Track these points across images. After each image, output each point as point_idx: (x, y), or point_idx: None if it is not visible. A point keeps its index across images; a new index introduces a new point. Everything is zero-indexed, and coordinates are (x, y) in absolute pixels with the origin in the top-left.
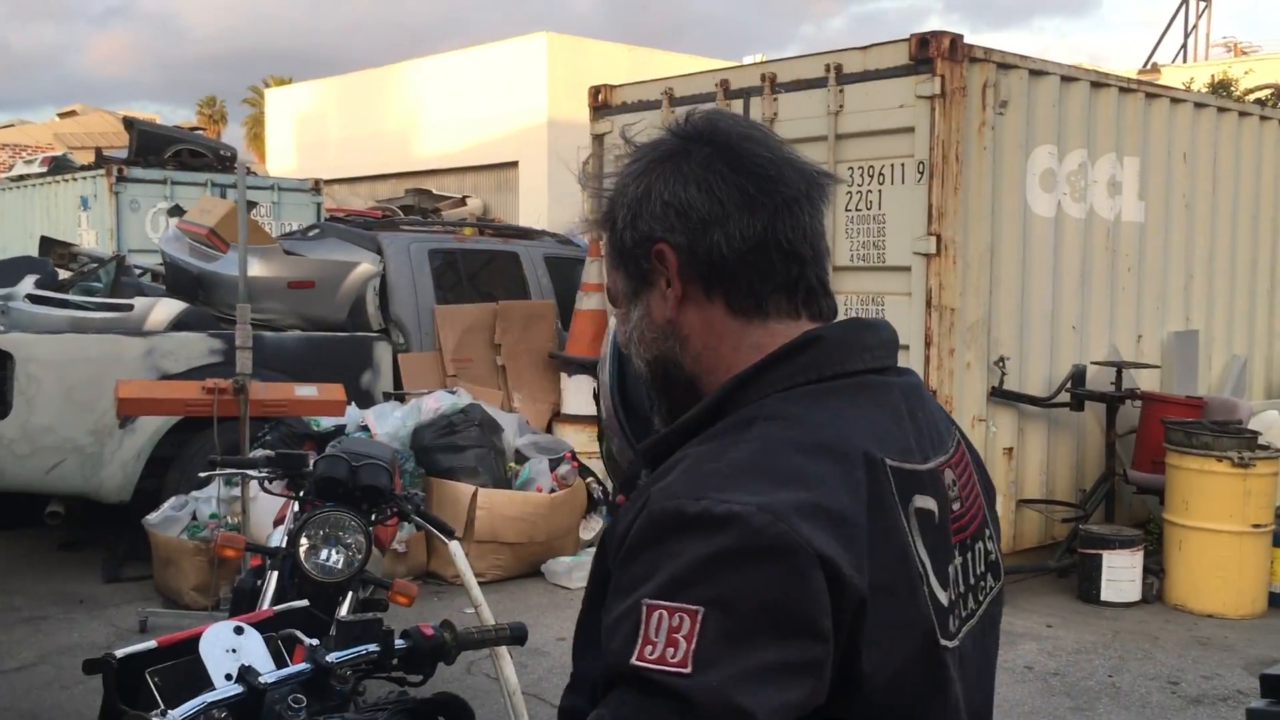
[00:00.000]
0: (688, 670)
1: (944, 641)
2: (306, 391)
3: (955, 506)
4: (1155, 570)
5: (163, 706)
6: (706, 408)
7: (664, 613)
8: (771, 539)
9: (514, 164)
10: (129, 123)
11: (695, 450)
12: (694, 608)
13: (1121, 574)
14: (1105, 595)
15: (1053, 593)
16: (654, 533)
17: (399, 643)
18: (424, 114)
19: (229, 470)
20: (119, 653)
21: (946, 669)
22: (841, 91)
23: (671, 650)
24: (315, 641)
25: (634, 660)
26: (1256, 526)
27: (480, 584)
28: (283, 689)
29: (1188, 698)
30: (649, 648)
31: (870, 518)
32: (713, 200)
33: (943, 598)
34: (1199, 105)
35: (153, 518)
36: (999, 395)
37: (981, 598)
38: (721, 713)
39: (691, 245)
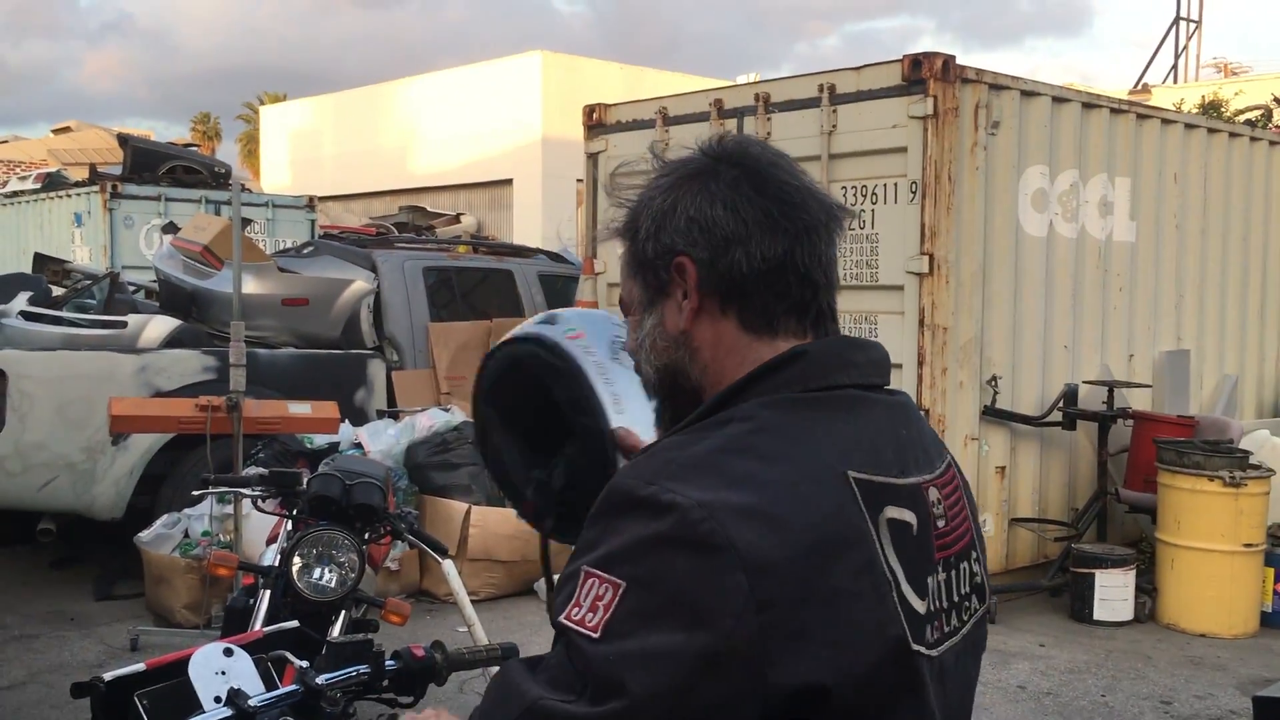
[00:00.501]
0: (596, 635)
1: (917, 647)
2: (300, 409)
3: (940, 524)
4: (1148, 589)
5: None
6: (701, 414)
7: (595, 580)
8: (701, 534)
9: (508, 181)
10: (123, 139)
11: (670, 438)
12: (619, 581)
13: (1114, 593)
14: (1098, 614)
15: (1045, 612)
16: (607, 506)
17: (389, 664)
18: (418, 131)
19: (222, 488)
20: (107, 675)
21: (920, 674)
22: (835, 111)
23: (591, 615)
24: (305, 663)
25: (561, 618)
26: (1248, 546)
27: (473, 602)
28: (272, 711)
29: (1180, 717)
30: (576, 609)
31: (824, 526)
32: (737, 220)
33: (918, 605)
34: (1190, 126)
35: (145, 535)
36: (991, 414)
37: (965, 617)
38: (606, 683)
39: (713, 260)
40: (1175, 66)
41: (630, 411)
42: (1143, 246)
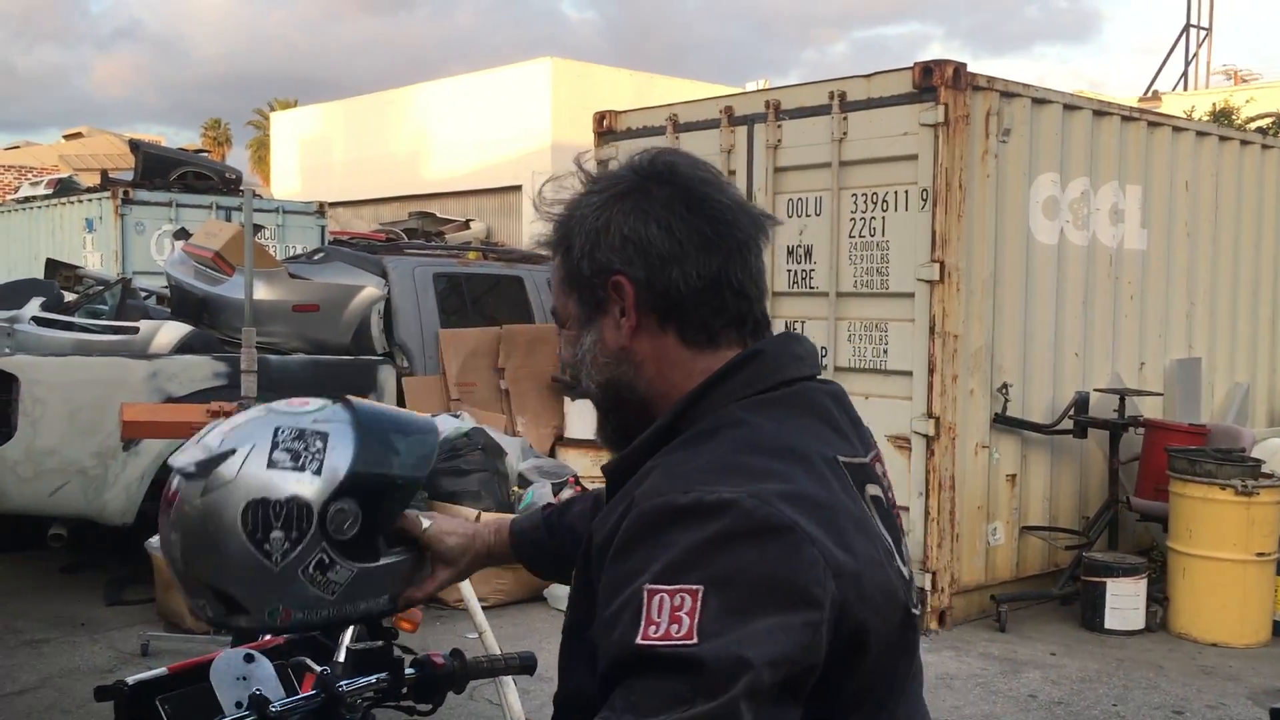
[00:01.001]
0: (694, 640)
1: (913, 610)
2: None
3: (889, 493)
4: (1159, 598)
5: None
6: (662, 425)
7: (665, 595)
8: (763, 519)
9: (518, 188)
10: (134, 145)
11: (666, 459)
12: (694, 587)
13: (1125, 602)
14: (1109, 623)
15: (1056, 620)
16: (646, 527)
17: (409, 671)
18: (428, 137)
19: None
20: (130, 679)
21: (915, 633)
22: (845, 119)
23: (675, 626)
24: (326, 669)
25: (639, 641)
26: (1260, 555)
27: (483, 608)
28: (294, 716)
29: None
30: (652, 627)
31: (846, 505)
32: (672, 239)
33: (905, 571)
34: (1201, 134)
35: (155, 540)
36: (1002, 422)
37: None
38: (728, 667)
39: (650, 280)
40: (1185, 74)
41: None
42: (1154, 254)
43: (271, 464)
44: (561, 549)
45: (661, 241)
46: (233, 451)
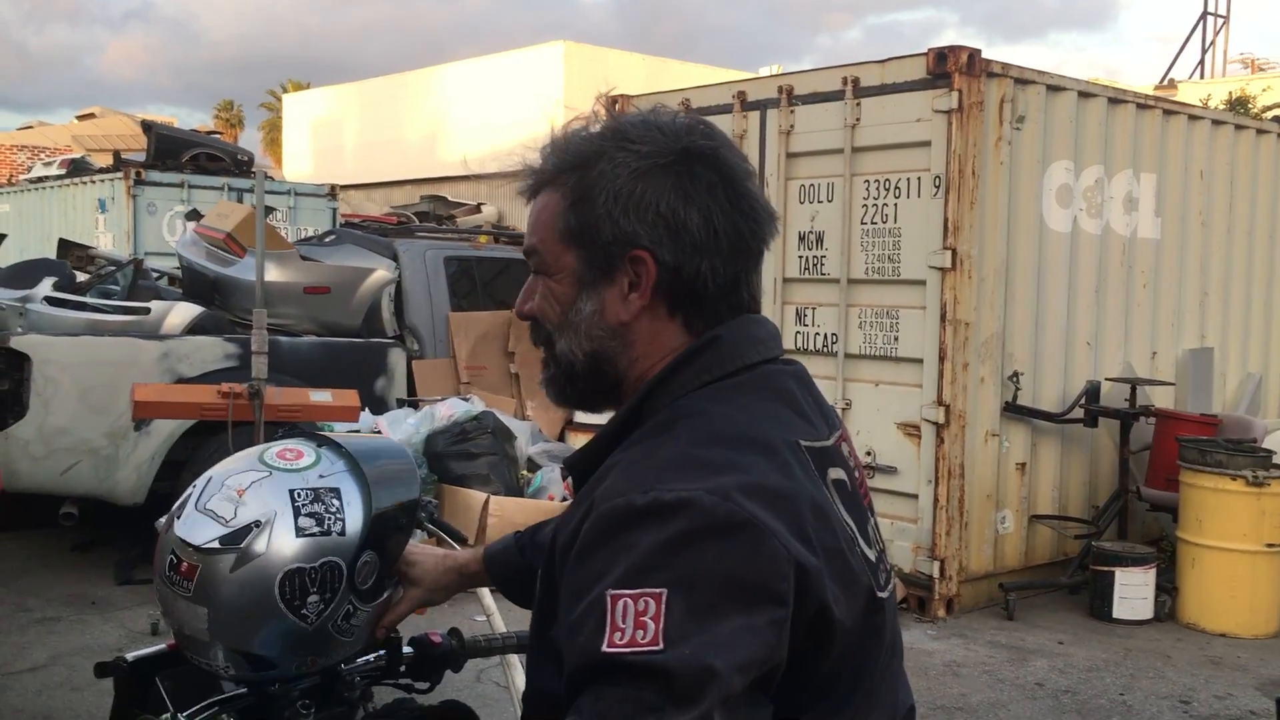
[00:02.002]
0: (660, 647)
1: (879, 594)
2: (321, 397)
3: (856, 474)
4: (1168, 588)
5: (172, 710)
6: (625, 414)
7: (629, 600)
8: (723, 516)
9: None
10: (147, 126)
11: (624, 455)
12: (657, 590)
13: (1134, 591)
14: (1117, 613)
15: (1064, 609)
16: (606, 529)
17: (406, 650)
18: (440, 120)
19: None
20: (130, 656)
21: (883, 615)
22: (859, 104)
23: (641, 632)
24: None
25: (604, 648)
26: (1270, 546)
27: (491, 591)
28: (291, 694)
29: (1199, 717)
30: (618, 634)
31: (806, 493)
32: (710, 230)
33: (870, 554)
34: (1216, 122)
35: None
36: (1013, 410)
37: (885, 560)
38: (696, 676)
39: (677, 265)
40: (1202, 62)
41: None
42: (1167, 243)
43: (300, 532)
44: (534, 568)
45: (699, 229)
46: (256, 524)
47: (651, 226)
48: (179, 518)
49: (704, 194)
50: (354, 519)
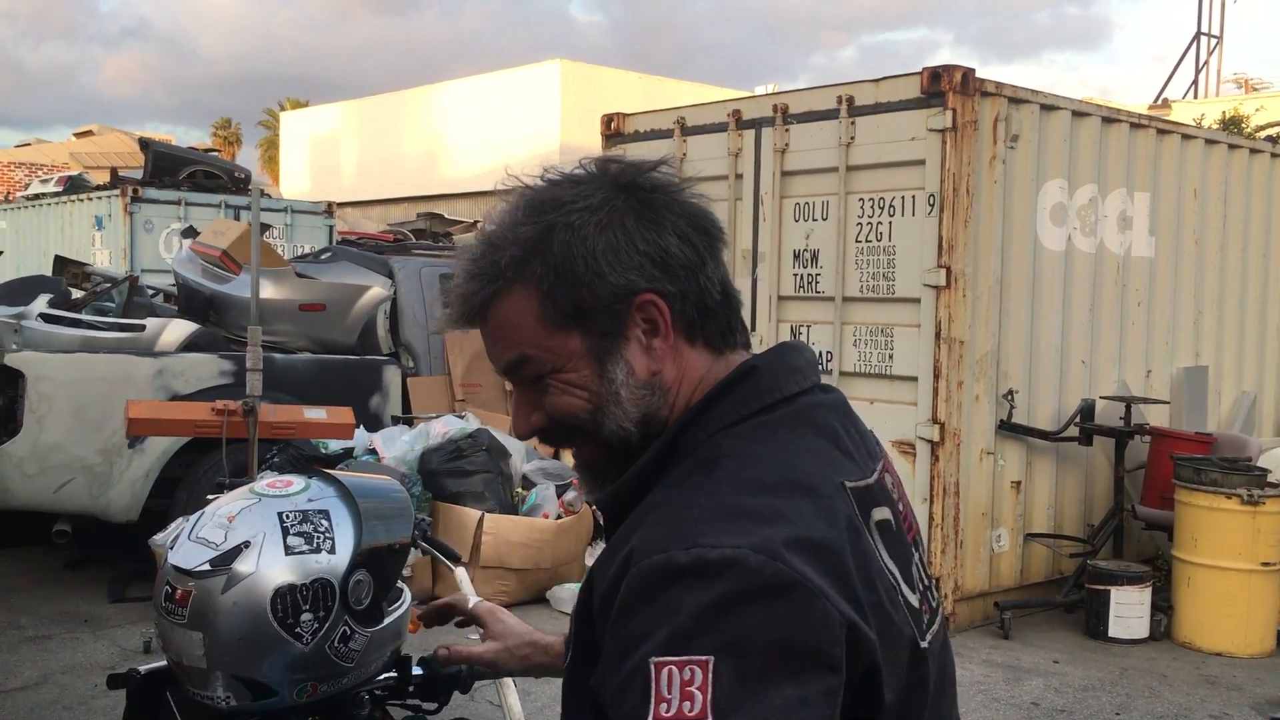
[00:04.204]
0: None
1: (920, 644)
2: (315, 414)
3: (900, 507)
4: (1163, 607)
5: None
6: (660, 451)
7: (674, 668)
8: (771, 577)
9: None
10: (144, 143)
11: (662, 496)
12: (703, 658)
13: (1129, 610)
14: (1113, 632)
15: (1060, 628)
16: (647, 587)
17: (416, 670)
18: (437, 139)
19: None
20: (143, 668)
21: (926, 666)
22: (853, 123)
23: (688, 704)
24: None
25: None
26: (1266, 565)
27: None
28: (300, 712)
29: None
30: (663, 705)
31: (852, 541)
32: (689, 247)
33: (913, 599)
34: (1210, 142)
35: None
36: (1007, 428)
37: (933, 596)
38: None
39: (683, 293)
40: (1196, 82)
41: None
42: (1161, 262)
43: (289, 550)
44: None
45: (680, 250)
46: (245, 544)
47: (640, 268)
48: (173, 549)
49: (665, 215)
50: (344, 539)
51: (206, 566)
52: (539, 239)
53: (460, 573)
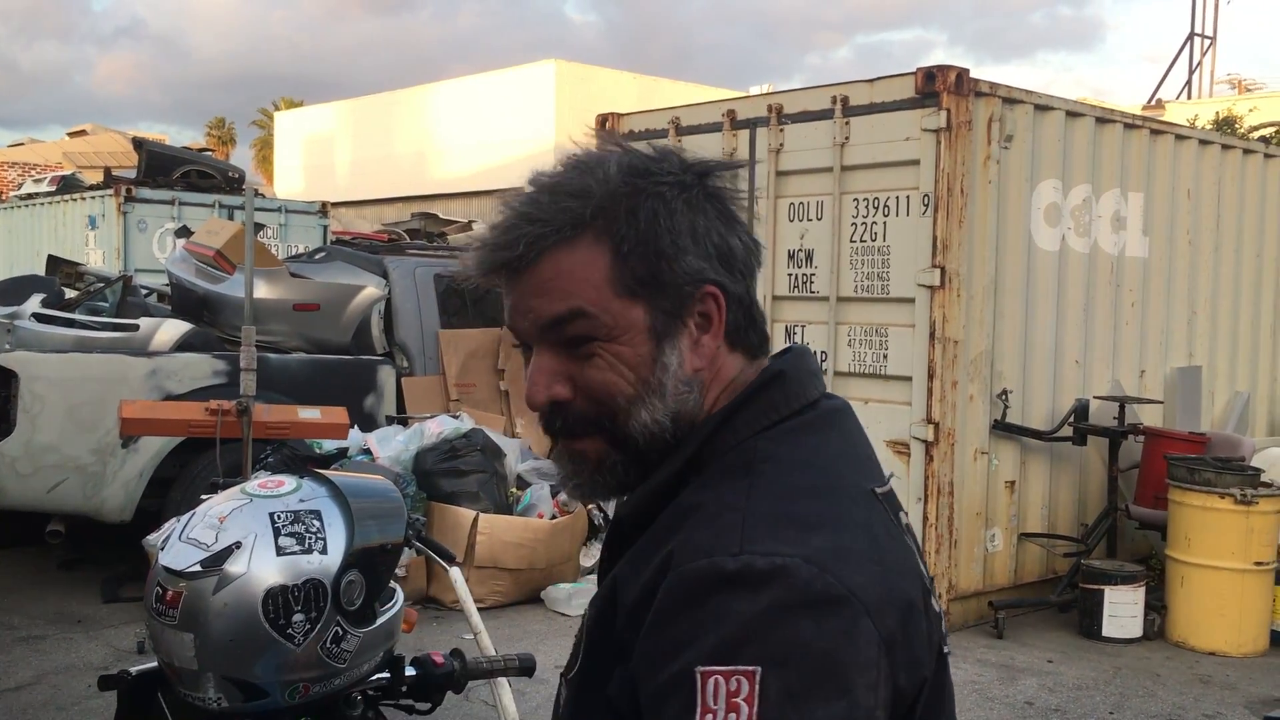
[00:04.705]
0: None
1: (945, 649)
2: (310, 414)
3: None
4: (1157, 606)
5: None
6: (688, 457)
7: (720, 678)
8: (820, 590)
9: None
10: (138, 143)
11: (698, 498)
12: (750, 669)
13: (1123, 610)
14: (1107, 631)
15: (1054, 628)
16: (691, 593)
17: (409, 670)
18: (432, 138)
19: None
20: (134, 670)
21: (948, 674)
22: (847, 123)
23: (734, 716)
24: None
25: None
26: (1259, 564)
27: (480, 610)
28: (293, 712)
29: None
30: (709, 716)
31: (889, 546)
32: (745, 252)
33: (937, 606)
34: (1203, 142)
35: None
36: (1001, 428)
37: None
38: None
39: (739, 296)
40: (1189, 82)
41: None
42: (1155, 262)
43: (280, 550)
44: None
45: (740, 253)
46: (236, 545)
47: (710, 258)
48: (164, 550)
49: (736, 216)
50: (336, 539)
51: (197, 568)
52: (628, 197)
53: (455, 573)
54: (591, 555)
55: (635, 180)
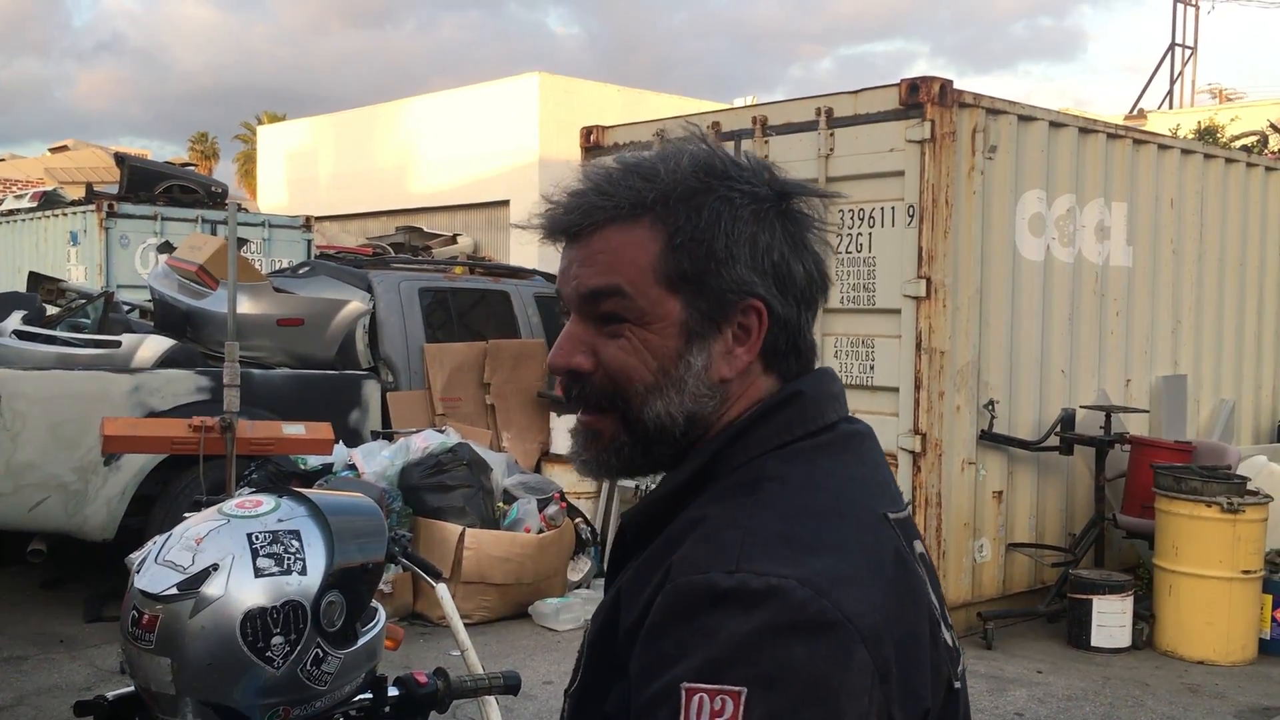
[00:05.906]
0: None
1: (956, 684)
2: (294, 430)
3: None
4: (1145, 616)
5: None
6: (698, 469)
7: (704, 696)
8: (814, 614)
9: (505, 203)
10: (120, 158)
11: (701, 513)
12: (736, 689)
13: (1111, 619)
14: (1095, 641)
15: (1042, 638)
16: (683, 608)
17: (392, 690)
18: (416, 152)
19: None
20: (110, 695)
21: (957, 705)
22: (832, 135)
23: None
24: None
25: None
26: (1246, 572)
27: (467, 625)
28: None
29: None
30: None
31: (894, 574)
32: (809, 280)
33: (949, 638)
34: (1186, 151)
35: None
36: (988, 438)
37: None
38: None
39: (786, 320)
40: (1171, 92)
41: None
42: (1139, 271)
43: (259, 572)
44: None
45: (802, 280)
46: (214, 567)
47: (764, 275)
48: (140, 573)
49: (808, 243)
50: (315, 559)
51: (174, 590)
52: (692, 194)
53: (441, 589)
54: (579, 570)
55: (708, 178)
